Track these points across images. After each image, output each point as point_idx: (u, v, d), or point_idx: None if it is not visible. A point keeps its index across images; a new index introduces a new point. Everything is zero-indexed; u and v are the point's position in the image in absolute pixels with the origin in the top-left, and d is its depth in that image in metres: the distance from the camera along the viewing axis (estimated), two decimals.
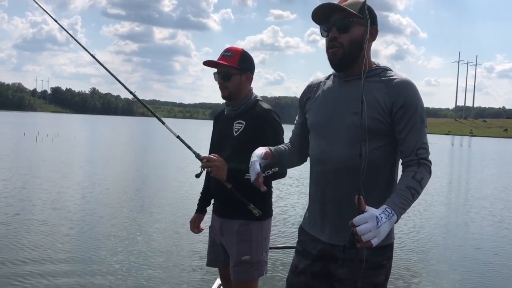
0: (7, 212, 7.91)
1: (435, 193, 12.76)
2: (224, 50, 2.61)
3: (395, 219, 1.56)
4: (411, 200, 1.64)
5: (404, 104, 1.74)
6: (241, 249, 2.55)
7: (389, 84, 1.78)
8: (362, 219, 1.47)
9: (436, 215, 9.85)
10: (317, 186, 1.91)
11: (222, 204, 2.66)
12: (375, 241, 1.47)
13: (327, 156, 1.83)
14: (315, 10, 1.81)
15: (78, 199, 9.58)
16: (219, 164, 2.42)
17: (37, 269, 5.21)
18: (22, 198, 9.25)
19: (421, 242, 7.41)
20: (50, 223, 7.30)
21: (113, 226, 7.41)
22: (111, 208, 8.78)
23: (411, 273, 5.79)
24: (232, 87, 2.56)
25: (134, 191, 10.93)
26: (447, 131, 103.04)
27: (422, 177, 1.69)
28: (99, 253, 5.93)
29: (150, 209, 8.89)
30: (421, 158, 1.73)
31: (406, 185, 1.65)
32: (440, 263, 6.40)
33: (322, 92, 1.94)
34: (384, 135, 1.78)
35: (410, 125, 1.74)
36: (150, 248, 6.30)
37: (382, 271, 1.82)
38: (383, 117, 1.76)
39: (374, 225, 1.47)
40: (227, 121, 2.62)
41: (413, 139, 1.74)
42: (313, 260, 1.90)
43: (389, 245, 1.84)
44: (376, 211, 1.50)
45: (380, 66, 1.86)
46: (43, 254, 5.77)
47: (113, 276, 5.16)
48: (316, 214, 1.92)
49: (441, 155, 31.30)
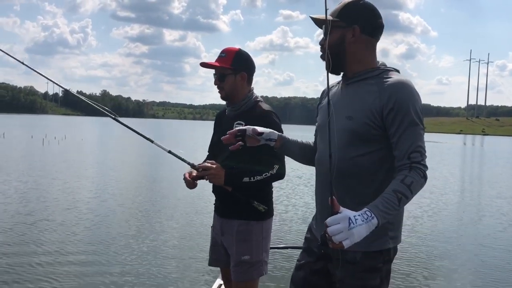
0: (9, 212, 7.99)
1: (448, 192, 12.69)
2: (221, 51, 2.62)
3: (375, 223, 1.52)
4: (396, 205, 1.58)
5: (393, 107, 1.69)
6: (240, 249, 2.55)
7: (381, 87, 1.75)
8: (334, 220, 1.47)
9: (449, 214, 9.78)
10: (317, 188, 1.94)
11: (223, 204, 2.67)
12: (347, 243, 1.46)
13: (323, 159, 1.84)
14: (313, 20, 1.88)
15: (76, 201, 9.55)
16: (215, 172, 2.46)
17: (50, 269, 5.23)
18: (24, 199, 9.30)
19: (434, 241, 7.36)
20: (52, 224, 7.33)
21: (110, 226, 7.40)
22: (109, 208, 8.78)
23: (424, 271, 5.73)
24: (227, 88, 2.57)
25: (135, 193, 10.84)
26: (458, 130, 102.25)
27: (412, 181, 1.61)
28: (101, 253, 5.91)
29: (151, 209, 8.87)
30: (414, 162, 1.65)
31: (393, 189, 1.60)
32: (454, 261, 6.35)
33: (328, 96, 1.96)
34: (376, 140, 1.75)
35: (402, 128, 1.68)
36: (150, 248, 6.29)
37: (377, 274, 1.79)
38: (373, 122, 1.72)
39: (346, 227, 1.46)
40: (227, 122, 2.62)
41: (405, 143, 1.67)
42: (316, 259, 1.93)
43: (386, 250, 1.80)
44: (350, 213, 1.49)
45: (381, 67, 1.84)
46: (56, 254, 5.79)
47: (113, 275, 5.14)
48: (318, 215, 1.95)
49: (453, 154, 31.08)
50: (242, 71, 2.59)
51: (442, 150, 35.18)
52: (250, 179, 2.46)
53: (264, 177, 2.47)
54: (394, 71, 1.83)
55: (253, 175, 2.46)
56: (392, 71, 1.82)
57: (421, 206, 10.10)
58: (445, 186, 13.85)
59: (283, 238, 6.97)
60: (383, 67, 1.85)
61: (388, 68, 1.84)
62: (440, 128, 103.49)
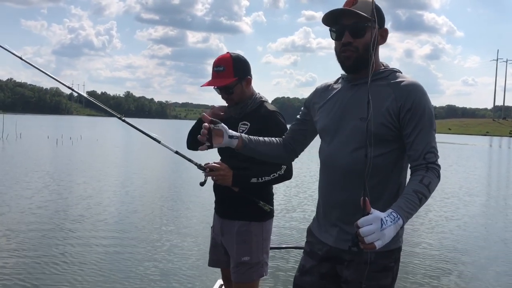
0: None
1: (474, 195, 12.46)
2: (214, 64, 2.55)
3: (400, 223, 1.54)
4: (418, 205, 1.61)
5: (411, 108, 1.72)
6: (240, 250, 2.54)
7: (396, 88, 1.76)
8: (366, 221, 1.47)
9: (474, 216, 9.58)
10: (324, 190, 1.93)
11: (223, 204, 2.67)
12: (379, 244, 1.47)
13: (334, 161, 1.85)
14: (329, 14, 1.79)
15: (70, 201, 9.57)
16: (223, 172, 2.46)
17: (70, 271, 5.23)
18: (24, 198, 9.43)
19: (460, 244, 7.24)
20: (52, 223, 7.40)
21: (109, 226, 7.37)
22: (108, 209, 8.77)
23: (449, 273, 5.67)
24: (237, 97, 2.56)
25: (138, 193, 10.68)
26: (485, 131, 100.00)
27: (430, 181, 1.65)
28: (100, 253, 5.89)
29: (152, 209, 8.80)
30: (429, 162, 1.70)
31: (413, 189, 1.63)
32: (478, 264, 6.25)
33: (331, 97, 1.95)
34: (391, 141, 1.77)
35: (418, 129, 1.72)
36: (150, 248, 6.25)
37: (389, 273, 1.82)
38: (390, 123, 1.75)
39: (378, 227, 1.46)
40: (233, 122, 2.61)
41: (421, 143, 1.71)
42: (320, 261, 1.92)
43: (397, 249, 1.84)
44: (381, 214, 1.50)
45: (388, 69, 1.85)
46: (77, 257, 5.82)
47: (112, 275, 5.10)
48: (323, 218, 1.94)
49: (479, 156, 30.45)
50: (246, 75, 2.58)
51: (467, 152, 34.52)
52: (258, 180, 2.47)
53: (272, 178, 2.47)
54: (399, 72, 1.84)
55: (261, 176, 2.47)
56: (398, 72, 1.84)
57: (444, 208, 9.93)
58: (473, 189, 13.61)
59: (284, 238, 6.91)
60: (389, 69, 1.85)
61: (394, 69, 1.85)
62: (465, 130, 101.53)
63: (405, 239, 1.94)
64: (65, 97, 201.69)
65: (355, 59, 1.79)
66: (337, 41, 1.83)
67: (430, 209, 9.76)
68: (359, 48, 1.77)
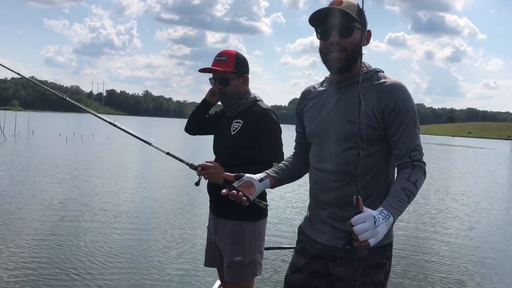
0: None
1: (494, 199, 12.34)
2: (218, 54, 2.57)
3: (391, 221, 1.58)
4: (406, 202, 1.64)
5: (394, 108, 1.75)
6: (233, 249, 2.52)
7: (379, 89, 1.78)
8: (359, 219, 1.48)
9: (494, 220, 9.52)
10: (315, 190, 1.95)
11: (216, 204, 2.67)
12: (372, 241, 1.49)
13: (323, 164, 1.87)
14: (316, 13, 1.77)
15: (60, 202, 9.62)
16: (214, 170, 2.44)
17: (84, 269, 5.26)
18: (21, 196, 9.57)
19: (480, 247, 7.22)
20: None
21: (107, 226, 7.38)
22: (106, 208, 8.81)
23: (469, 275, 5.57)
24: (230, 90, 2.55)
25: (135, 198, 10.21)
26: (506, 135, 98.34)
27: (416, 178, 1.69)
28: (99, 253, 5.91)
29: (151, 209, 8.77)
30: (415, 160, 1.73)
31: (401, 187, 1.66)
32: (496, 267, 6.19)
33: (317, 100, 1.96)
34: (378, 141, 1.80)
35: (402, 128, 1.75)
36: (150, 247, 6.23)
37: (382, 270, 1.84)
38: (375, 123, 1.77)
39: (372, 225, 1.48)
40: (227, 120, 2.61)
41: (406, 142, 1.75)
42: (312, 259, 1.92)
43: (388, 244, 1.85)
44: (373, 212, 1.52)
45: (370, 69, 1.85)
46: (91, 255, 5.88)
47: (112, 276, 5.09)
48: (314, 217, 1.96)
49: (500, 161, 29.95)
50: (245, 73, 2.58)
51: (489, 155, 33.96)
52: None
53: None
54: (381, 72, 1.85)
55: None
56: (381, 72, 1.85)
57: (462, 212, 9.85)
58: (493, 194, 13.44)
59: (281, 238, 6.89)
60: (372, 69, 1.85)
61: (376, 70, 1.85)
62: (485, 134, 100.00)
63: (423, 245, 1.91)
64: (85, 95, 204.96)
65: (346, 60, 1.78)
66: (324, 40, 1.81)
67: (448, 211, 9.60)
68: (347, 48, 1.77)
